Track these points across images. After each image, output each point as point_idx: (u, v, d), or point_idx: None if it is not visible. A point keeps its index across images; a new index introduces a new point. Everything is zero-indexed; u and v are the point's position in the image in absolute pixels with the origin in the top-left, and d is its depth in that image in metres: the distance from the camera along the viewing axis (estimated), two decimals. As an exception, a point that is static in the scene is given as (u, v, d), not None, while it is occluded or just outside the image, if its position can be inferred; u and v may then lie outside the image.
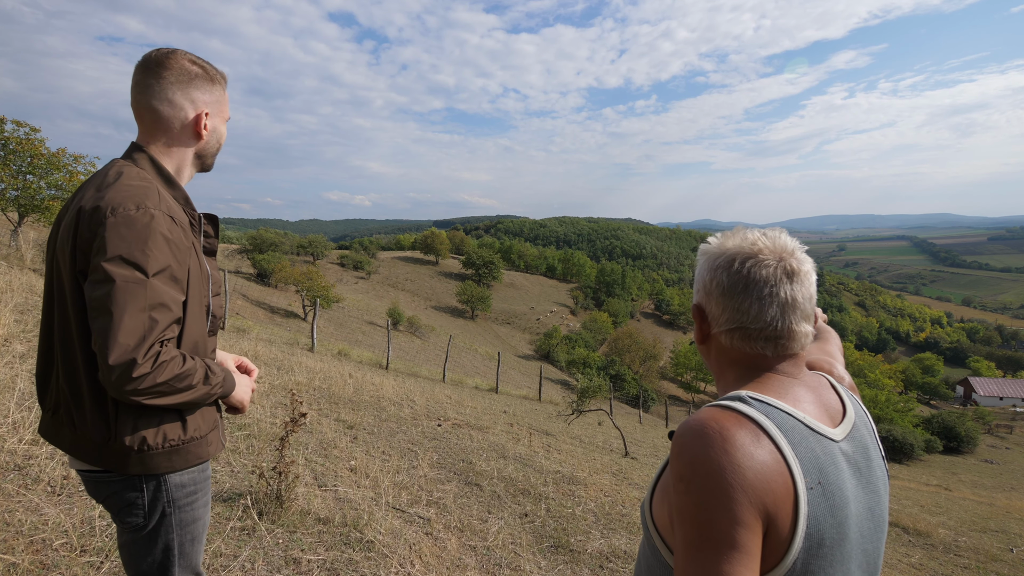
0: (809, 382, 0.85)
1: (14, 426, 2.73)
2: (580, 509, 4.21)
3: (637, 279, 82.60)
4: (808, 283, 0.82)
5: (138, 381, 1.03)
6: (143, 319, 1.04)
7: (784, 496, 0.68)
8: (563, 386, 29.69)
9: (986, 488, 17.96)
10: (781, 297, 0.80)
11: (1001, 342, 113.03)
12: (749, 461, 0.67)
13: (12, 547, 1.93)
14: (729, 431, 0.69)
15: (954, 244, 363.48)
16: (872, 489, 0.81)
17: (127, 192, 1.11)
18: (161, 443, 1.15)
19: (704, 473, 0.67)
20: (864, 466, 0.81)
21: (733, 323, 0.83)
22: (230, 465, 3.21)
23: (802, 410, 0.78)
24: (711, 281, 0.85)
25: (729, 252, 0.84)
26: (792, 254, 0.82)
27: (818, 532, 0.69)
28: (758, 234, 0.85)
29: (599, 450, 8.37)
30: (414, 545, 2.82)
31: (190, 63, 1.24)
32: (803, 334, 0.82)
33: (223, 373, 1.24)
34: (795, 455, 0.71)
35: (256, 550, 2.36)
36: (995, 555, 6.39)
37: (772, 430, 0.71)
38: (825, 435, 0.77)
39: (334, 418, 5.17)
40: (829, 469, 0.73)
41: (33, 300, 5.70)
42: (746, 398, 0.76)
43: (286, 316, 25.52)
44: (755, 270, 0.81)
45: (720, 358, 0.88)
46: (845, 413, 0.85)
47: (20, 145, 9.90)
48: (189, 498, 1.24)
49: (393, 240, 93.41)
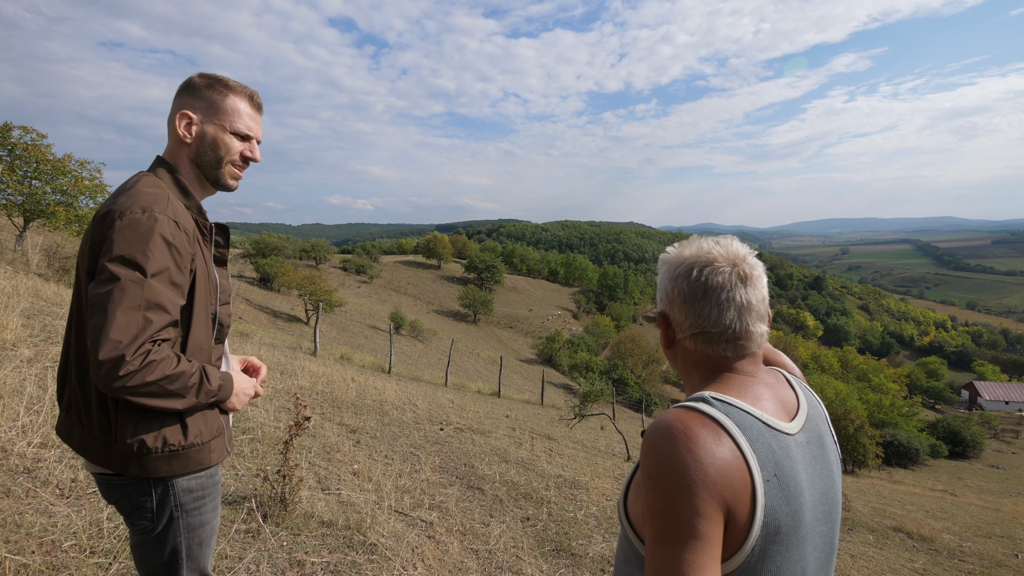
0: (766, 379, 0.90)
1: (23, 430, 2.77)
2: (582, 513, 4.23)
3: (639, 283, 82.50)
4: (760, 286, 0.88)
5: (126, 378, 1.04)
6: (137, 318, 1.06)
7: (742, 489, 0.74)
8: (565, 390, 29.65)
9: (992, 493, 17.84)
10: (737, 301, 0.85)
11: (1006, 346, 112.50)
12: (711, 458, 0.73)
13: (23, 548, 1.96)
14: (693, 431, 0.75)
15: (957, 247, 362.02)
16: (826, 474, 0.87)
17: (137, 197, 1.15)
18: (160, 447, 1.16)
19: (670, 470, 0.73)
20: (819, 454, 0.87)
21: (696, 328, 0.88)
22: (234, 468, 3.24)
23: (761, 408, 0.84)
24: (673, 289, 0.91)
25: (687, 261, 0.90)
26: (744, 260, 0.88)
27: (775, 520, 0.76)
28: (712, 243, 0.91)
29: (601, 454, 8.37)
30: (416, 548, 2.84)
31: (198, 77, 1.29)
32: (759, 334, 0.88)
33: (220, 378, 1.24)
34: (753, 451, 0.77)
35: (261, 552, 2.39)
36: (1000, 560, 6.35)
37: (732, 428, 0.77)
38: (781, 430, 0.83)
39: (337, 422, 5.20)
40: (784, 462, 0.79)
41: (39, 305, 5.74)
42: (708, 399, 0.82)
43: (288, 320, 25.58)
44: (712, 277, 0.86)
45: (686, 361, 0.94)
46: (799, 406, 0.90)
47: (26, 151, 9.99)
48: (197, 503, 1.26)
49: (395, 244, 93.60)
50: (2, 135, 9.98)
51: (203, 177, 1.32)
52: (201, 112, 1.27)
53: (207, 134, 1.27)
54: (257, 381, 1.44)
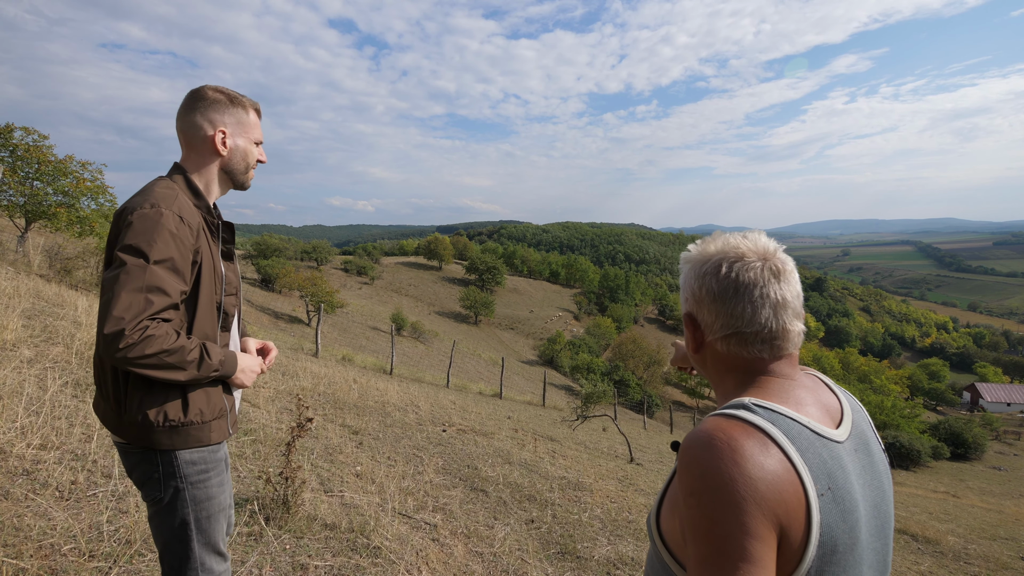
0: (805, 382, 0.84)
1: (22, 431, 2.73)
2: (586, 515, 4.19)
3: (640, 284, 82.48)
4: (794, 281, 0.83)
5: (126, 350, 1.16)
6: (139, 298, 1.19)
7: (796, 505, 0.67)
8: (567, 391, 29.60)
9: (994, 495, 17.77)
10: (772, 297, 0.80)
11: (1008, 347, 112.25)
12: (760, 471, 0.66)
13: (21, 552, 1.93)
14: (737, 441, 0.68)
15: (959, 249, 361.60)
16: (876, 485, 0.80)
17: (149, 196, 1.30)
18: (161, 421, 1.28)
19: (715, 486, 0.66)
20: (867, 463, 0.80)
21: (728, 328, 0.82)
22: (236, 470, 3.21)
23: (805, 414, 0.77)
24: (700, 288, 0.84)
25: (714, 257, 0.84)
26: (775, 254, 0.83)
27: (831, 539, 0.69)
28: (738, 237, 0.86)
29: (604, 456, 8.33)
30: (421, 551, 2.80)
31: (212, 91, 1.44)
32: (796, 333, 0.82)
33: (223, 355, 1.35)
34: (804, 462, 0.70)
35: (264, 556, 2.36)
36: (1006, 563, 6.31)
37: (779, 438, 0.70)
38: (830, 438, 0.76)
39: (339, 423, 5.17)
40: (837, 473, 0.72)
41: (40, 305, 5.72)
42: (750, 405, 0.75)
43: (290, 321, 25.57)
44: (743, 273, 0.81)
45: (717, 365, 0.87)
46: (843, 411, 0.84)
47: (28, 152, 9.98)
48: (200, 476, 1.36)
49: (396, 245, 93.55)
50: (4, 136, 9.96)
51: (228, 181, 1.49)
52: (231, 127, 1.44)
53: (239, 146, 1.46)
54: (266, 362, 1.57)
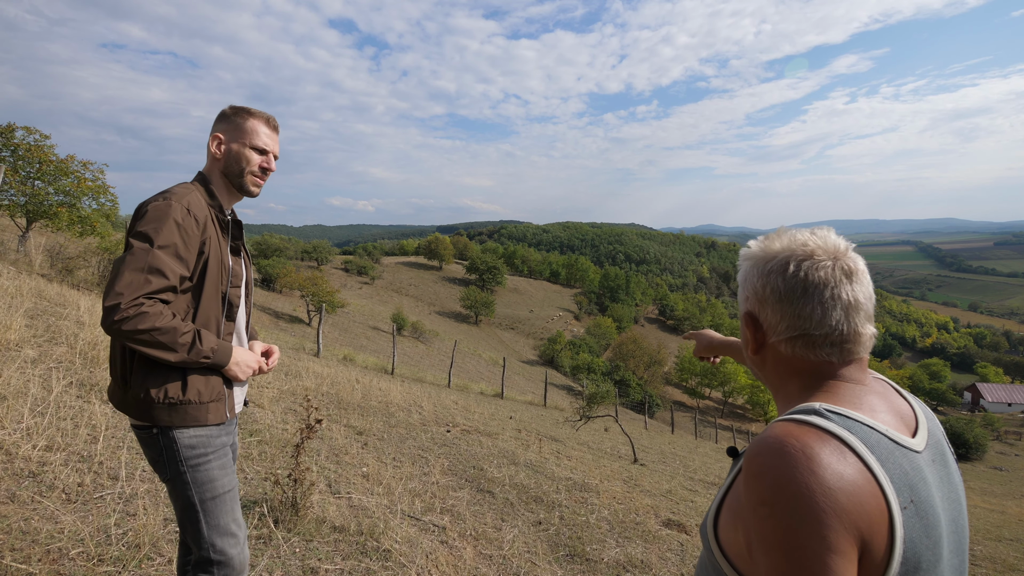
0: (876, 388, 0.79)
1: (28, 432, 2.70)
2: (594, 517, 4.16)
3: (641, 284, 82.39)
4: (866, 282, 0.78)
5: (120, 323, 1.24)
6: (140, 277, 1.28)
7: (879, 518, 0.63)
8: (568, 391, 29.56)
9: (996, 495, 17.74)
10: (844, 299, 0.75)
11: (1009, 348, 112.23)
12: (839, 482, 0.62)
13: (29, 556, 1.89)
14: (812, 449, 0.64)
15: (960, 249, 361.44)
16: (954, 498, 0.76)
17: (165, 192, 1.43)
18: (162, 398, 1.36)
19: (791, 496, 0.62)
20: (944, 475, 0.76)
21: (795, 330, 0.77)
22: (243, 472, 3.18)
23: (880, 421, 0.73)
24: (764, 287, 0.80)
25: (780, 255, 0.79)
26: (846, 253, 0.78)
27: (915, 555, 0.65)
28: (807, 234, 0.81)
29: (608, 456, 8.30)
30: (431, 554, 2.77)
31: (228, 108, 1.58)
32: (868, 336, 0.77)
33: (216, 344, 1.42)
34: (885, 472, 0.66)
35: (274, 560, 2.33)
36: (1012, 564, 6.28)
37: (857, 446, 0.66)
38: (908, 447, 0.71)
39: (344, 424, 5.14)
40: (919, 485, 0.68)
41: (42, 305, 5.69)
42: (823, 411, 0.70)
43: (291, 321, 25.53)
44: (812, 272, 0.76)
45: (780, 368, 0.82)
46: (918, 419, 0.79)
47: (29, 152, 9.95)
48: (199, 459, 1.43)
49: (397, 245, 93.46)
50: (5, 136, 9.93)
51: (230, 185, 1.57)
52: (227, 133, 1.54)
53: (232, 150, 1.54)
54: (269, 363, 1.62)
